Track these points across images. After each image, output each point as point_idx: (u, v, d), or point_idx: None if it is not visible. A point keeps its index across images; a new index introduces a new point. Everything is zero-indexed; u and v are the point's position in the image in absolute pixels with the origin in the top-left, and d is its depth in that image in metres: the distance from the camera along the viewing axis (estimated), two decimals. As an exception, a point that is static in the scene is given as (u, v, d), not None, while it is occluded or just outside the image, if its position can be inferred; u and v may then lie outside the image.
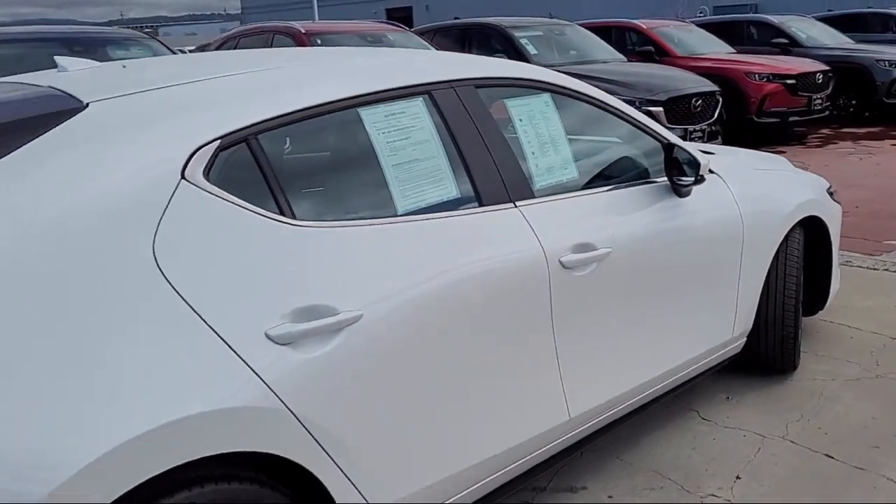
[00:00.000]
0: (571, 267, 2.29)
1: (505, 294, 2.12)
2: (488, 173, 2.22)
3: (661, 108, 7.64)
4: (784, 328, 3.23)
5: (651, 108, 7.36)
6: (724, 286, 2.96)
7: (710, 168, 2.87)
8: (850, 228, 5.26)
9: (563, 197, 2.41)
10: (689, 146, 2.86)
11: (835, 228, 3.54)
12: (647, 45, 10.67)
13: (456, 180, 2.15)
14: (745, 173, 3.20)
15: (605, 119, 2.72)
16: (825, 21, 13.26)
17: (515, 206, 2.24)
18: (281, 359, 1.66)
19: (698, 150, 2.97)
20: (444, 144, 2.16)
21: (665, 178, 2.73)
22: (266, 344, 1.64)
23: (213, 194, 1.69)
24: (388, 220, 1.97)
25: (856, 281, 4.50)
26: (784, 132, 10.48)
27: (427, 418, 1.97)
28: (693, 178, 2.72)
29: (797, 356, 3.39)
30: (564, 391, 2.34)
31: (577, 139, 2.64)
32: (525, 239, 2.21)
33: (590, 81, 3.02)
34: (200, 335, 1.56)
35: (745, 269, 3.02)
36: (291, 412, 1.66)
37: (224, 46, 8.68)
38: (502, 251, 2.15)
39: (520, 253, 2.18)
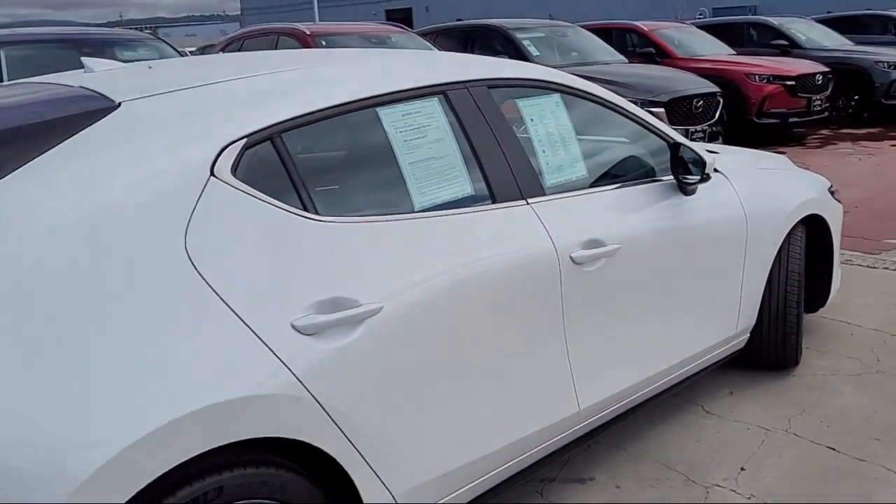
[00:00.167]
0: (581, 262, 2.35)
1: (518, 288, 2.19)
2: (501, 171, 2.28)
3: (662, 109, 7.69)
4: (786, 324, 3.29)
5: (653, 109, 7.41)
6: (728, 282, 3.02)
7: (714, 167, 2.93)
8: (850, 228, 5.32)
9: (573, 194, 2.47)
10: (695, 145, 2.92)
11: (836, 227, 3.60)
12: (647, 46, 10.73)
13: (470, 178, 2.22)
14: (749, 172, 3.26)
15: (612, 119, 2.79)
16: (824, 23, 13.31)
17: (527, 204, 2.31)
18: (306, 349, 1.72)
19: (704, 149, 3.04)
20: (458, 143, 2.22)
21: (671, 177, 2.79)
22: (292, 334, 1.71)
23: (241, 190, 1.75)
24: (406, 216, 2.03)
25: (856, 279, 4.57)
26: (784, 133, 10.55)
27: (443, 408, 2.03)
28: (699, 177, 2.78)
29: (799, 352, 3.45)
30: (574, 383, 2.40)
31: (586, 138, 2.70)
32: (537, 235, 2.28)
33: (592, 82, 3.08)
34: (231, 325, 1.63)
35: (748, 266, 3.08)
36: (316, 400, 1.72)
37: (229, 48, 8.71)
38: (515, 247, 2.21)
39: (532, 249, 2.25)
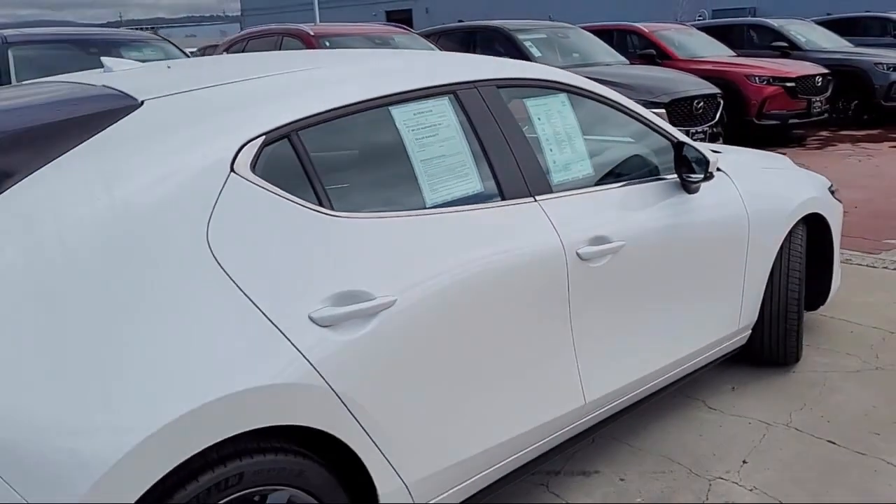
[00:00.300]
0: (588, 259, 2.41)
1: (526, 283, 2.24)
2: (509, 169, 2.33)
3: (663, 110, 7.74)
4: (787, 321, 3.35)
5: (653, 110, 7.44)
6: (731, 280, 3.08)
7: (717, 166, 2.98)
8: (850, 228, 5.38)
9: (579, 192, 2.53)
10: (699, 145, 2.98)
11: (836, 226, 3.65)
12: (648, 48, 10.80)
13: (480, 175, 2.27)
14: (751, 171, 3.32)
15: (617, 118, 2.84)
16: (824, 25, 13.38)
17: (535, 201, 2.36)
18: (323, 340, 1.77)
19: (707, 149, 3.09)
20: (468, 141, 2.28)
21: (675, 175, 2.85)
22: (310, 326, 1.76)
23: (260, 186, 1.80)
24: (418, 212, 2.09)
25: (856, 278, 4.63)
26: (784, 134, 10.62)
27: (453, 399, 2.08)
28: (702, 175, 2.84)
29: (800, 349, 3.51)
30: (580, 377, 2.46)
31: (592, 137, 2.76)
32: (544, 231, 2.33)
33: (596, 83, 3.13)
34: (252, 317, 1.68)
35: (750, 264, 3.13)
36: (332, 389, 1.77)
37: (233, 48, 8.76)
38: (523, 243, 2.26)
39: (539, 245, 2.30)
